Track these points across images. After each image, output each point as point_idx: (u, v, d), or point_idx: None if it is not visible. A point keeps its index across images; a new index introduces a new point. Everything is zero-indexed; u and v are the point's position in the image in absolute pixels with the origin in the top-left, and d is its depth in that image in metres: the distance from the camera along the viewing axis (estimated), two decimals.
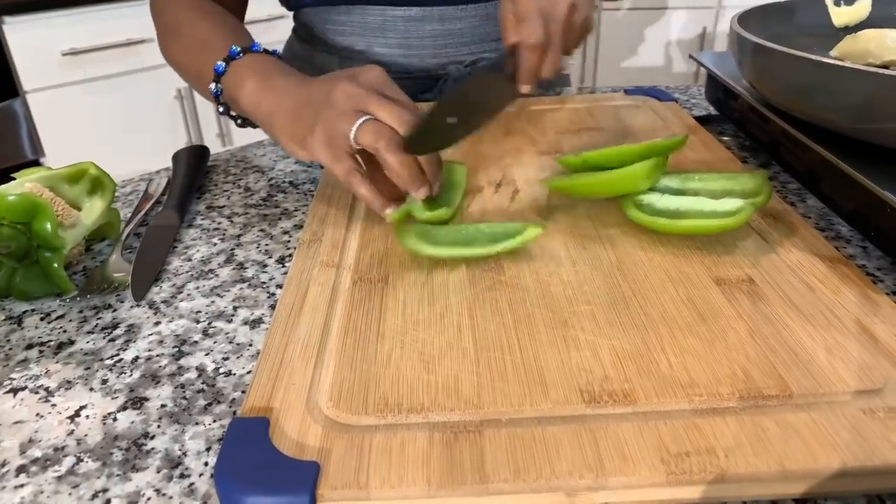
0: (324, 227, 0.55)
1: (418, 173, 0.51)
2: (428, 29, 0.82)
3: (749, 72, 0.63)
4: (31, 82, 1.96)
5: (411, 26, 0.82)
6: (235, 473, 0.33)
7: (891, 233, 0.49)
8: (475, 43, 0.84)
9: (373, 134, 0.50)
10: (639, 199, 0.53)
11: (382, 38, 0.83)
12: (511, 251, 0.50)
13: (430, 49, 0.83)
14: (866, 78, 0.48)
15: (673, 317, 0.43)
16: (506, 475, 0.32)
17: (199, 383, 0.42)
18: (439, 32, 0.83)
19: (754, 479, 0.32)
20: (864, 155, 0.52)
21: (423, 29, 0.82)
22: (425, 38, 0.83)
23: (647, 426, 0.35)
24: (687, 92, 0.92)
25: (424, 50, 0.83)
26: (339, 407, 0.37)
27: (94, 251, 0.58)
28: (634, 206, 0.52)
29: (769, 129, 0.66)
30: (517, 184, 0.61)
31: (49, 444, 0.38)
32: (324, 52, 0.86)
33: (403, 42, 0.83)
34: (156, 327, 0.47)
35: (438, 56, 0.84)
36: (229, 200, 0.66)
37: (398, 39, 0.82)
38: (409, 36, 0.82)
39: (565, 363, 0.39)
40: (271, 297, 0.50)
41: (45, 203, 0.49)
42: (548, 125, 0.74)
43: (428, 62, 0.84)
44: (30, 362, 0.44)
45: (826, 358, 0.39)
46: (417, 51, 0.83)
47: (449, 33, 0.83)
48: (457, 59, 0.85)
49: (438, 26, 0.82)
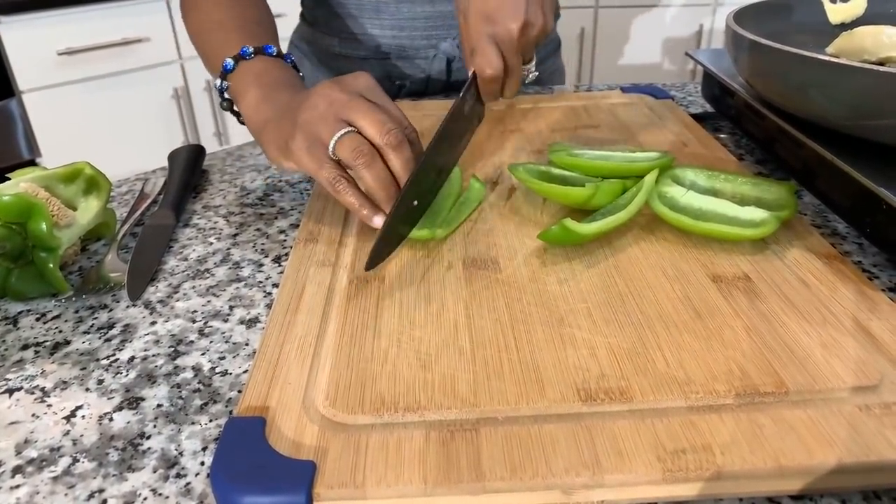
0: (320, 227, 0.55)
1: (392, 192, 0.50)
2: (419, 10, 0.86)
3: (745, 69, 0.63)
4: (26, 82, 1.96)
5: (403, 7, 0.85)
6: (232, 473, 0.33)
7: (887, 229, 0.49)
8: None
9: (350, 150, 0.49)
10: (663, 192, 0.53)
11: (376, 19, 0.86)
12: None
13: (421, 30, 0.87)
14: (862, 75, 0.48)
15: (669, 314, 0.43)
16: (502, 473, 0.32)
17: (196, 383, 0.42)
18: (430, 14, 0.86)
19: (751, 476, 0.32)
20: (860, 152, 0.52)
21: (414, 10, 0.86)
22: (417, 20, 0.86)
23: (644, 424, 0.35)
24: (683, 89, 0.92)
25: (416, 31, 0.87)
26: (336, 406, 0.37)
27: (90, 251, 0.58)
28: (658, 197, 0.52)
29: (765, 126, 0.66)
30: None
31: (45, 445, 0.38)
32: (325, 33, 0.90)
33: (395, 23, 0.86)
34: (152, 327, 0.47)
35: (429, 37, 0.88)
36: (225, 200, 0.66)
37: (391, 20, 0.86)
38: (400, 17, 0.86)
39: (562, 361, 0.39)
40: (267, 297, 0.50)
41: (41, 203, 0.49)
42: (544, 123, 0.74)
43: (418, 42, 0.88)
44: (25, 363, 0.44)
45: (822, 355, 0.39)
46: (409, 31, 0.87)
47: (439, 15, 0.86)
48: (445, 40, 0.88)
49: (429, 8, 0.86)
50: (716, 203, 0.52)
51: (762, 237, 0.49)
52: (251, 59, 0.59)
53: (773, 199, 0.53)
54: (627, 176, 0.55)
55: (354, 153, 0.49)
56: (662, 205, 0.51)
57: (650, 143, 0.68)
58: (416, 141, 0.53)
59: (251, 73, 0.59)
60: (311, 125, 0.50)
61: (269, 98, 0.56)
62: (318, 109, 0.50)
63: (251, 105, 0.57)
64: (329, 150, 0.50)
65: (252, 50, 0.59)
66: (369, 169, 0.49)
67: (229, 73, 0.60)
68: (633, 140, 0.69)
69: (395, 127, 0.50)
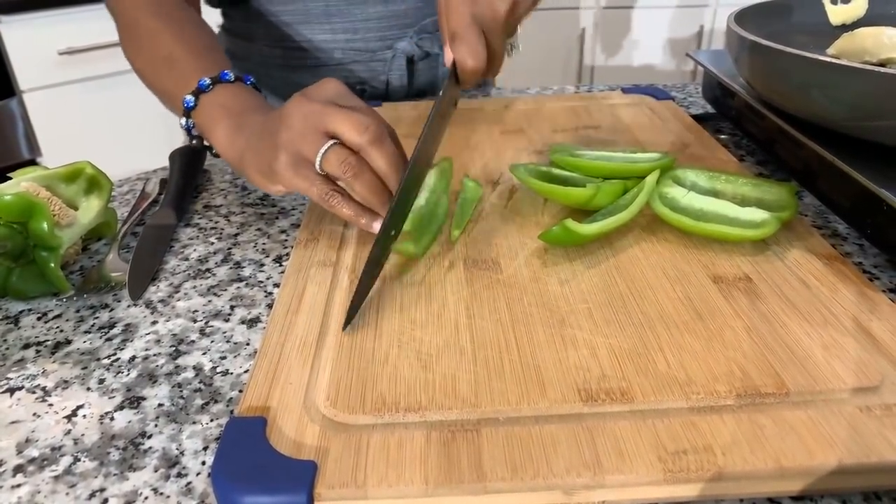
0: (321, 227, 0.55)
1: (385, 197, 0.49)
2: (372, 11, 0.82)
3: (746, 70, 0.63)
4: (27, 82, 1.95)
5: (355, 9, 0.82)
6: (233, 473, 0.33)
7: (887, 230, 0.49)
8: (418, 22, 0.85)
9: (337, 164, 0.48)
10: (664, 192, 0.53)
11: (327, 24, 0.82)
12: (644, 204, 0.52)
13: (375, 31, 0.84)
14: (863, 76, 0.48)
15: (670, 315, 0.43)
16: (503, 474, 0.32)
17: (197, 382, 0.42)
18: (383, 14, 0.83)
19: (751, 476, 0.32)
20: (861, 152, 0.52)
21: (367, 12, 0.82)
22: (370, 21, 0.83)
23: (645, 424, 0.35)
24: (684, 90, 0.92)
25: (370, 33, 0.84)
26: (337, 406, 0.37)
27: (91, 251, 0.58)
28: (659, 198, 0.52)
29: (766, 127, 0.66)
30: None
31: (46, 444, 0.38)
32: (266, 45, 0.84)
33: (349, 26, 0.83)
34: (153, 326, 0.47)
35: (384, 38, 0.84)
36: (226, 199, 0.66)
37: (343, 24, 0.82)
38: (353, 19, 0.82)
39: (563, 362, 0.39)
40: (268, 297, 0.50)
41: (42, 202, 0.49)
42: (545, 124, 0.74)
43: (373, 45, 0.85)
44: (27, 362, 0.44)
45: (823, 356, 0.39)
46: (363, 34, 0.83)
47: (393, 14, 0.84)
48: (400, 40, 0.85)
49: (382, 8, 0.83)
50: (717, 204, 0.52)
51: (763, 238, 0.49)
52: (211, 90, 0.56)
53: (773, 200, 0.53)
54: (629, 177, 0.55)
55: (342, 166, 0.48)
56: (663, 205, 0.51)
57: (651, 144, 0.68)
58: (396, 140, 0.51)
59: (215, 105, 0.56)
60: (292, 144, 0.49)
61: (241, 126, 0.54)
62: (296, 127, 0.49)
63: (224, 138, 0.55)
64: (316, 166, 0.48)
65: (209, 81, 0.56)
66: (359, 179, 0.48)
67: (192, 111, 0.57)
68: (633, 141, 0.69)
69: (373, 123, 0.48)
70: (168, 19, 0.63)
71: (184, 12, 0.66)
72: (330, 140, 0.48)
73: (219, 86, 0.57)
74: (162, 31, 0.62)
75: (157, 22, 0.63)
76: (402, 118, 0.77)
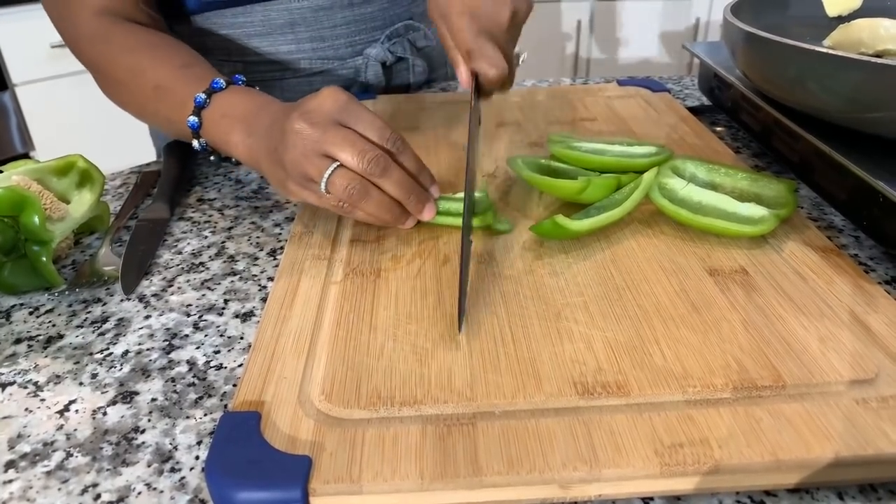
0: (315, 220, 0.55)
1: (398, 212, 0.50)
2: (339, 17, 0.79)
3: (742, 62, 0.63)
4: (19, 75, 1.94)
5: (321, 16, 0.78)
6: (227, 468, 0.33)
7: (883, 222, 0.49)
8: (387, 26, 0.83)
9: (342, 189, 0.47)
10: (663, 183, 0.53)
11: (291, 34, 0.78)
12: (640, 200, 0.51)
13: (344, 38, 0.81)
14: (859, 67, 0.48)
15: (666, 308, 0.42)
16: (499, 468, 0.32)
17: (190, 377, 0.42)
18: (350, 19, 0.80)
19: (748, 469, 0.32)
20: (857, 144, 0.52)
21: (334, 18, 0.79)
22: (338, 27, 0.80)
23: (641, 418, 0.34)
24: (680, 82, 0.92)
25: (338, 40, 0.80)
26: (332, 400, 0.36)
27: (84, 245, 0.57)
28: (658, 189, 0.52)
29: (762, 119, 0.66)
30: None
31: (38, 439, 0.37)
32: (223, 60, 0.78)
33: (315, 35, 0.79)
34: (146, 321, 0.47)
35: (353, 44, 0.81)
36: (220, 193, 0.66)
37: (309, 33, 0.79)
38: (320, 27, 0.79)
39: (559, 355, 0.39)
40: (262, 290, 0.50)
41: (33, 196, 0.49)
42: (541, 116, 0.74)
43: (342, 51, 0.81)
44: (18, 357, 0.44)
45: (819, 348, 0.39)
46: (331, 42, 0.80)
47: (360, 18, 0.80)
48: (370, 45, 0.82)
49: (349, 13, 0.79)
50: (715, 197, 0.51)
51: (759, 234, 0.48)
52: (209, 105, 0.56)
53: (772, 196, 0.52)
54: (624, 171, 0.55)
55: (347, 192, 0.47)
56: (662, 196, 0.51)
57: (647, 136, 0.68)
58: (403, 147, 0.50)
59: (218, 117, 0.55)
60: (297, 166, 0.48)
61: (251, 132, 0.53)
62: (297, 149, 0.48)
63: (241, 146, 0.54)
64: (322, 189, 0.48)
65: (204, 96, 0.56)
66: (366, 201, 0.48)
67: (200, 130, 0.57)
68: (629, 133, 0.69)
69: (374, 153, 0.47)
70: (142, 52, 0.62)
71: (155, 36, 0.64)
72: (334, 163, 0.47)
73: (214, 96, 0.56)
74: (142, 66, 0.61)
75: (133, 57, 0.62)
76: (400, 111, 0.77)
